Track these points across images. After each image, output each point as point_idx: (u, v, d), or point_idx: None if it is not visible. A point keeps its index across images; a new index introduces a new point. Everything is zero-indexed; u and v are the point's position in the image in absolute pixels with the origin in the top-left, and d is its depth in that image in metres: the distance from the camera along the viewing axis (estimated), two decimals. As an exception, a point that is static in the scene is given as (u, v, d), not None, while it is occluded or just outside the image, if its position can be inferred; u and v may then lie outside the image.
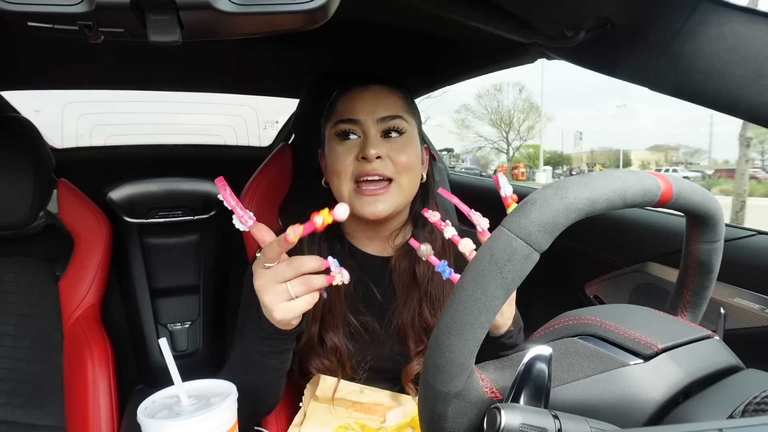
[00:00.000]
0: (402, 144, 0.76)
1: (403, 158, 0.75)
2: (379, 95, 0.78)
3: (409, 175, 0.76)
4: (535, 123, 32.55)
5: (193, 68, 1.31)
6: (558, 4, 0.65)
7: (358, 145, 0.75)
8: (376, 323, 0.80)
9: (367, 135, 0.75)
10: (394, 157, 0.74)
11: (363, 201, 0.74)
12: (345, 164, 0.74)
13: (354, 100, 0.77)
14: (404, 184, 0.76)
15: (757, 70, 0.53)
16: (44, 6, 0.36)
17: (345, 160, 0.75)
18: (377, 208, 0.73)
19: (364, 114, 0.75)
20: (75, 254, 1.07)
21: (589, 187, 0.37)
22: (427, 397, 0.39)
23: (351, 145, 0.75)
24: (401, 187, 0.75)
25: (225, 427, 0.54)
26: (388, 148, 0.75)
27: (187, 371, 0.57)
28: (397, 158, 0.74)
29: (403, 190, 0.76)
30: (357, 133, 0.76)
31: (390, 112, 0.76)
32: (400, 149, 0.75)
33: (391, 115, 0.76)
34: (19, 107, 1.30)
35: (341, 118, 0.77)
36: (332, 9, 0.40)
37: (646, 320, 0.45)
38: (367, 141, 0.74)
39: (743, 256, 0.83)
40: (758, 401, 0.34)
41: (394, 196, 0.75)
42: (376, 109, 0.76)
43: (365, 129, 0.75)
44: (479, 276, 0.36)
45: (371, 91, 0.78)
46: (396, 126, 0.76)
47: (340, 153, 0.75)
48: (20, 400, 0.99)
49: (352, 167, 0.74)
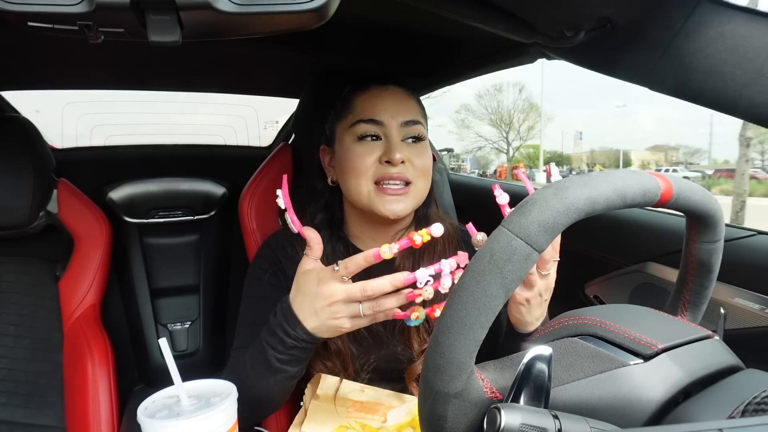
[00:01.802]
0: (421, 149, 0.78)
1: (422, 163, 0.77)
2: (400, 98, 0.79)
3: (425, 178, 0.79)
4: (535, 123, 32.57)
5: (193, 68, 1.31)
6: (558, 4, 0.65)
7: (380, 146, 0.76)
8: (380, 325, 0.80)
9: (390, 138, 0.75)
10: (414, 162, 0.76)
11: (385, 200, 0.75)
12: (366, 165, 0.75)
13: (375, 101, 0.77)
14: (420, 187, 0.78)
15: (757, 70, 0.53)
16: (44, 6, 0.36)
17: (365, 161, 0.75)
18: (398, 207, 0.75)
19: (387, 116, 0.76)
20: (75, 254, 1.07)
21: (589, 187, 0.37)
22: (427, 397, 0.39)
23: (372, 146, 0.76)
24: (418, 189, 0.78)
25: (225, 427, 0.54)
26: (409, 152, 0.76)
27: (187, 371, 0.57)
28: (417, 163, 0.76)
29: (419, 193, 0.78)
30: (379, 135, 0.76)
31: (411, 117, 0.78)
32: (419, 154, 0.77)
33: (413, 120, 0.78)
34: (19, 107, 1.30)
35: (362, 117, 0.76)
36: (332, 9, 0.40)
37: (646, 320, 0.45)
38: (391, 145, 0.75)
39: (743, 256, 0.83)
40: (758, 401, 0.34)
41: (412, 198, 0.77)
42: (399, 112, 0.77)
43: (388, 132, 0.76)
44: (479, 276, 0.36)
45: (391, 92, 0.79)
46: (418, 133, 0.78)
47: (361, 154, 0.75)
48: (20, 400, 0.99)
49: (373, 169, 0.75)
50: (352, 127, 0.77)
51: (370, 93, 0.79)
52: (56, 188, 1.06)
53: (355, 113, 0.78)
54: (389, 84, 0.80)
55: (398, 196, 0.75)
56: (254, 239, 1.00)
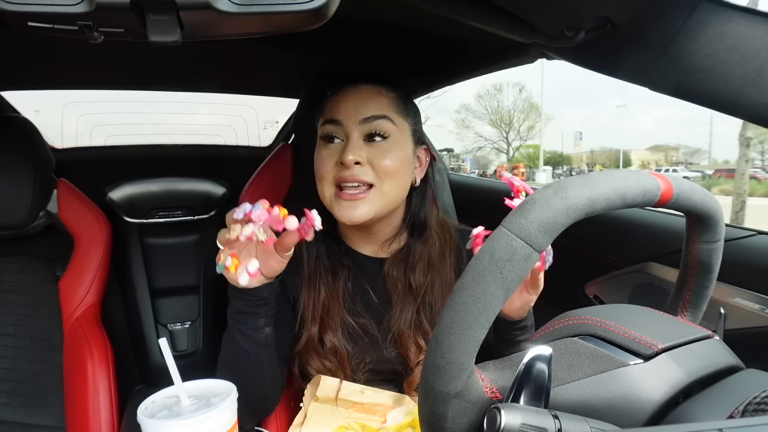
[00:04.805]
0: (385, 148, 0.73)
1: (385, 163, 0.72)
2: (367, 95, 0.75)
3: (392, 180, 0.73)
4: (535, 123, 32.60)
5: (193, 68, 1.31)
6: (558, 4, 0.65)
7: (340, 149, 0.73)
8: (374, 326, 0.80)
9: (349, 138, 0.73)
10: (376, 162, 0.72)
11: (342, 206, 0.72)
12: (327, 168, 0.73)
13: (339, 100, 0.76)
14: (386, 190, 0.73)
15: (756, 70, 0.53)
16: (44, 6, 0.36)
17: (327, 164, 0.73)
18: (354, 213, 0.71)
19: (347, 115, 0.73)
20: (75, 254, 1.07)
21: (589, 187, 0.37)
22: (427, 397, 0.39)
23: (333, 148, 0.74)
24: (383, 192, 0.73)
25: (225, 427, 0.54)
26: (370, 152, 0.72)
27: (187, 371, 0.57)
28: (379, 163, 0.72)
29: (384, 196, 0.73)
30: (340, 136, 0.74)
31: (373, 113, 0.73)
32: (382, 154, 0.72)
33: (374, 116, 0.73)
34: (19, 107, 1.30)
35: (326, 117, 0.76)
36: (332, 9, 0.40)
37: (646, 320, 0.45)
38: (348, 145, 0.72)
39: (743, 256, 0.83)
40: (758, 401, 0.34)
41: (373, 202, 0.72)
42: (360, 110, 0.73)
43: (347, 131, 0.73)
44: (479, 276, 0.36)
45: (359, 90, 0.76)
46: (379, 129, 0.73)
47: (323, 157, 0.74)
48: (20, 400, 0.99)
49: (333, 172, 0.73)
50: (320, 129, 0.76)
51: (340, 93, 0.77)
52: (56, 188, 1.06)
53: (323, 114, 0.77)
54: (361, 82, 0.77)
55: (354, 201, 0.71)
56: (254, 239, 1.00)
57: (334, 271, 0.80)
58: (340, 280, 0.80)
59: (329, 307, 0.78)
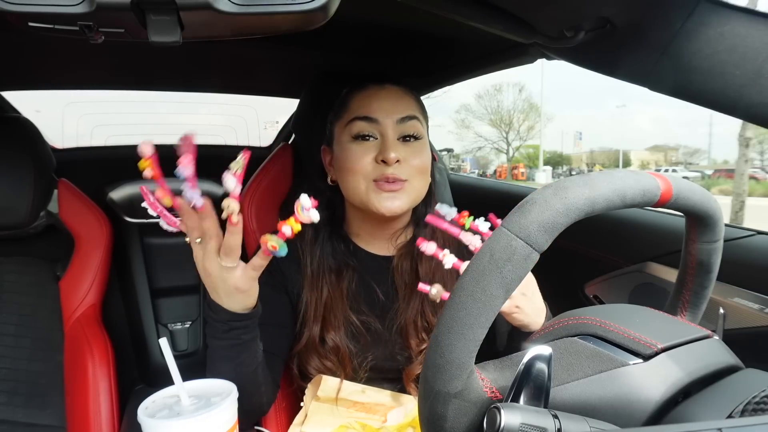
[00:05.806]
0: (418, 148, 0.77)
1: (417, 162, 0.76)
2: (396, 95, 0.78)
3: (422, 177, 0.78)
4: (534, 123, 32.59)
5: (193, 68, 1.31)
6: (558, 4, 0.65)
7: (376, 146, 0.75)
8: (378, 323, 0.80)
9: (386, 137, 0.75)
10: (410, 161, 0.76)
11: (381, 197, 0.74)
12: (362, 164, 0.75)
13: (371, 99, 0.77)
14: (417, 186, 0.77)
15: (756, 70, 0.53)
16: (45, 6, 0.36)
17: (362, 161, 0.75)
18: (394, 204, 0.75)
19: (383, 113, 0.76)
20: (75, 254, 1.07)
21: (588, 187, 0.37)
22: (427, 396, 0.40)
23: (368, 146, 0.76)
24: (414, 188, 0.77)
25: (225, 426, 0.54)
26: (406, 151, 0.76)
27: (187, 371, 0.57)
28: (413, 162, 0.76)
29: (415, 191, 0.77)
30: (374, 135, 0.76)
31: (408, 113, 0.77)
32: (415, 153, 0.76)
33: (408, 116, 0.77)
34: (19, 107, 1.30)
35: (357, 114, 0.76)
36: (332, 9, 0.40)
37: (646, 320, 0.45)
38: (387, 144, 0.75)
39: (743, 256, 0.83)
40: (757, 401, 0.34)
41: (408, 195, 0.76)
42: (395, 109, 0.76)
43: (383, 130, 0.75)
44: (479, 276, 0.36)
45: (388, 90, 0.78)
46: (414, 130, 0.77)
47: (357, 153, 0.75)
48: (21, 399, 0.99)
49: (370, 167, 0.75)
50: (348, 126, 0.77)
51: (366, 92, 0.79)
52: (57, 188, 1.07)
53: (350, 111, 0.78)
54: (386, 83, 0.80)
55: (393, 192, 0.74)
56: (254, 239, 1.00)
57: (338, 271, 0.81)
58: (345, 279, 0.81)
59: (333, 306, 0.78)
